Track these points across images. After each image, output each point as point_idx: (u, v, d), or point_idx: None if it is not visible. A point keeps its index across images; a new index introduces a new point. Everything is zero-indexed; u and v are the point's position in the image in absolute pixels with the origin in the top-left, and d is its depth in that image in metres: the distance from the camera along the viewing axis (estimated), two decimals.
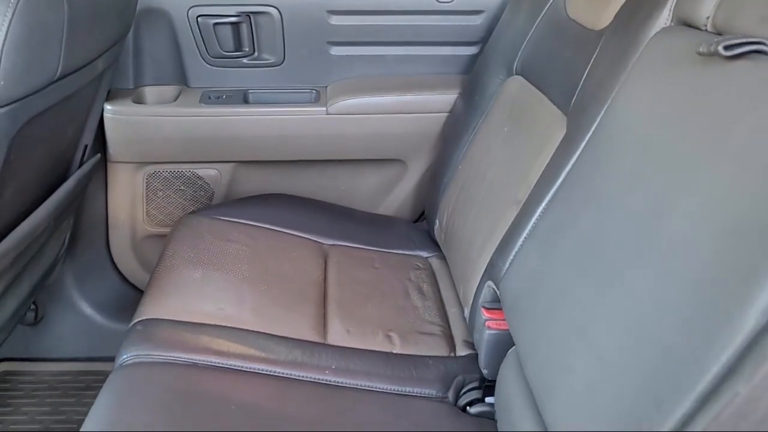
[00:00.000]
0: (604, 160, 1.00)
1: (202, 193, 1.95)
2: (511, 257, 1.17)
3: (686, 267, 0.74)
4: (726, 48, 0.77)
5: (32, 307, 1.90)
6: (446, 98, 1.85)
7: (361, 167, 1.96)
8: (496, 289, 1.21)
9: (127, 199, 1.92)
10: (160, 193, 1.94)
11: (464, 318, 1.41)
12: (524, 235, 1.16)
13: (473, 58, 1.87)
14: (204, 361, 1.19)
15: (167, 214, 1.95)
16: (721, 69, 0.81)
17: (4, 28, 0.93)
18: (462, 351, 1.39)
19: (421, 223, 1.95)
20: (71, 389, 1.88)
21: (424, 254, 1.76)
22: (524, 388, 1.00)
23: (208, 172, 1.92)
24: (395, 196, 2.00)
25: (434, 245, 1.77)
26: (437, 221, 1.72)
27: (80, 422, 1.72)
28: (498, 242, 1.26)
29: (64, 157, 1.50)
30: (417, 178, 1.96)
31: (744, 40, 0.77)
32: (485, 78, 1.70)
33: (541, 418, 0.92)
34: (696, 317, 0.70)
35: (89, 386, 1.88)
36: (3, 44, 0.94)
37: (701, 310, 0.70)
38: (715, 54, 0.79)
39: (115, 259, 2.00)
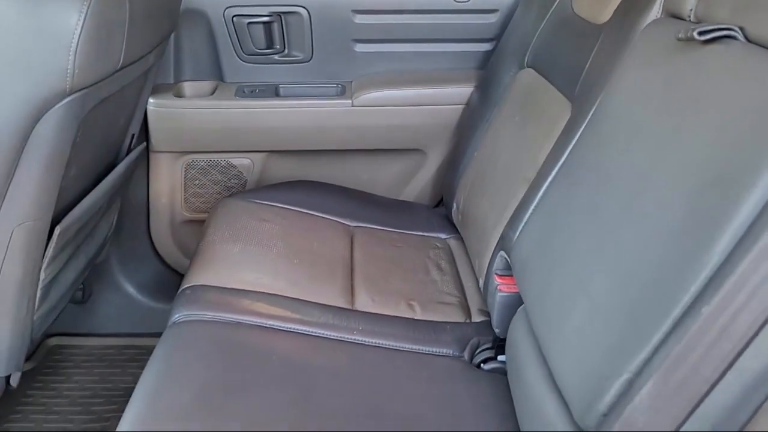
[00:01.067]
0: (600, 138, 1.14)
1: (236, 181, 2.10)
2: (521, 227, 1.30)
3: (663, 220, 0.87)
4: (700, 33, 0.91)
5: (80, 286, 2.06)
6: (463, 91, 1.99)
7: (383, 156, 2.10)
8: (507, 257, 1.34)
9: (166, 187, 2.07)
10: (197, 182, 2.09)
11: (479, 290, 1.55)
12: (532, 207, 1.29)
13: (488, 54, 2.01)
14: (246, 320, 1.34)
15: (203, 201, 2.10)
16: (698, 53, 0.94)
17: (80, 25, 1.09)
18: (477, 318, 1.52)
19: (439, 208, 2.09)
20: (116, 361, 2.04)
21: (443, 236, 1.89)
22: (530, 337, 1.14)
23: (241, 161, 2.07)
24: (415, 183, 2.14)
25: (452, 228, 1.91)
26: (455, 204, 1.86)
27: (126, 389, 1.89)
28: (509, 217, 1.40)
29: (116, 144, 1.66)
30: (436, 167, 2.10)
31: (715, 27, 0.90)
32: (499, 72, 1.83)
33: (544, 360, 1.05)
34: (670, 259, 0.83)
35: (132, 358, 2.04)
36: (78, 38, 1.09)
37: (675, 253, 0.83)
38: (692, 39, 0.92)
39: (155, 243, 2.15)
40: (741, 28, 0.90)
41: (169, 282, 2.15)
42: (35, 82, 1.09)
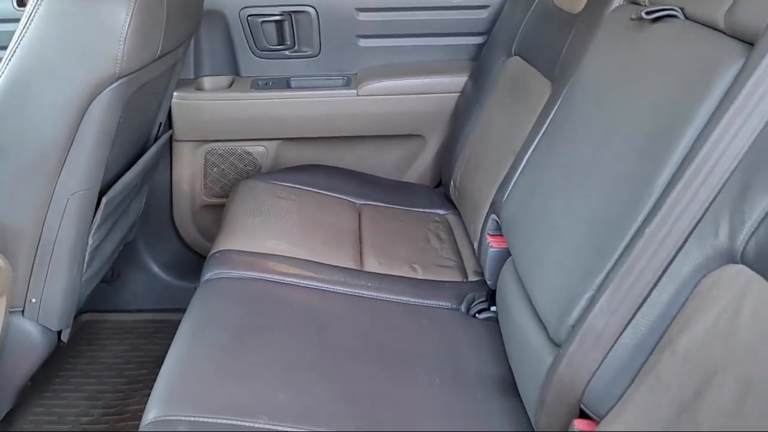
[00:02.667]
0: (572, 108, 1.33)
1: (251, 168, 2.29)
2: (508, 191, 1.49)
3: (620, 168, 1.07)
4: (648, 13, 1.10)
5: (110, 266, 2.25)
6: (458, 80, 2.18)
7: (386, 142, 2.29)
8: (497, 219, 1.53)
9: (188, 173, 2.27)
10: (216, 168, 2.28)
11: (474, 255, 1.73)
12: (518, 173, 1.48)
13: (480, 46, 2.20)
14: (269, 278, 1.53)
15: (221, 187, 2.29)
16: (647, 30, 1.13)
17: (128, 19, 1.28)
18: (473, 278, 1.71)
19: (439, 189, 2.27)
20: (144, 333, 2.22)
21: (441, 212, 2.08)
22: (516, 281, 1.32)
23: (256, 148, 2.26)
24: (416, 166, 2.33)
25: (450, 205, 2.10)
26: (452, 183, 2.05)
27: (154, 356, 2.08)
28: (499, 184, 1.59)
29: (147, 131, 1.86)
30: (435, 150, 2.29)
31: (659, 7, 1.09)
32: (490, 61, 2.03)
33: (527, 296, 1.24)
34: (625, 197, 1.02)
35: (158, 330, 2.22)
36: (127, 31, 1.28)
37: (628, 192, 1.02)
38: (642, 19, 1.11)
39: (177, 226, 2.34)
40: (681, 9, 1.09)
41: (190, 261, 2.34)
42: (91, 68, 1.28)
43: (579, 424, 1.00)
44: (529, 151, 1.47)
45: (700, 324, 0.82)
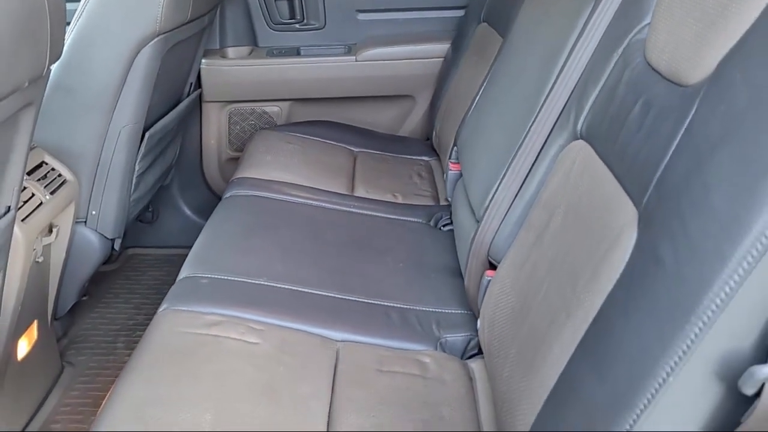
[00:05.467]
0: (506, 53, 1.71)
1: (268, 125, 2.68)
2: (464, 125, 1.87)
3: (523, 89, 1.44)
4: None
5: (150, 209, 2.67)
6: (442, 47, 2.56)
7: (381, 102, 2.68)
8: (456, 149, 1.91)
9: (215, 130, 2.68)
10: (238, 126, 2.69)
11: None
12: (471, 109, 1.86)
13: (461, 19, 2.57)
14: (276, 197, 1.93)
15: (243, 142, 2.70)
16: None
17: None
18: (443, 203, 2.09)
19: (428, 141, 2.65)
20: (177, 263, 2.58)
21: (426, 158, 2.46)
22: (462, 190, 1.70)
23: (272, 108, 2.67)
24: (408, 123, 2.72)
25: (435, 153, 2.47)
26: (434, 133, 2.43)
27: None
28: (460, 123, 1.97)
29: (180, 85, 2.27)
30: (423, 109, 2.67)
31: None
32: (465, 30, 2.40)
33: (467, 196, 1.62)
34: (524, 109, 1.40)
35: None
36: None
37: (526, 105, 1.40)
38: None
39: (206, 175, 2.76)
40: None
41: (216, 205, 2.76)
42: (138, 26, 1.69)
43: (488, 273, 1.38)
44: (480, 92, 1.85)
45: (555, 180, 1.19)
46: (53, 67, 1.16)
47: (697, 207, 0.71)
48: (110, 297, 2.40)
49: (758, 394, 0.63)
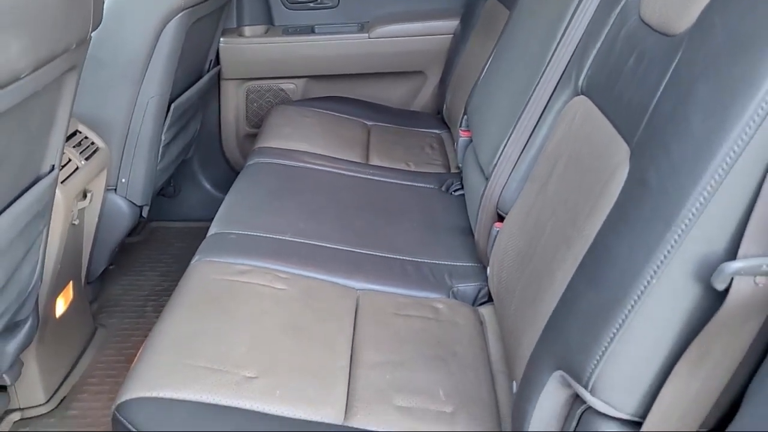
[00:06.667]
0: (513, 25, 1.80)
1: (284, 103, 2.79)
2: (474, 93, 1.97)
3: (530, 55, 1.54)
4: None
5: (171, 184, 2.78)
6: (451, 24, 2.66)
7: (393, 78, 2.78)
8: (466, 117, 2.01)
9: (233, 107, 2.79)
10: (255, 103, 2.79)
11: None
12: (481, 77, 1.95)
13: None
14: (295, 164, 2.04)
15: (260, 119, 2.80)
16: None
17: None
18: (454, 170, 2.19)
19: (440, 116, 2.75)
20: (199, 235, 2.68)
21: (437, 131, 2.56)
22: (472, 153, 1.80)
23: (288, 85, 2.77)
24: (420, 98, 2.81)
25: (446, 127, 2.57)
26: (445, 106, 2.52)
27: None
28: (470, 92, 2.06)
29: (201, 61, 2.38)
30: (434, 84, 2.77)
31: None
32: (474, 6, 2.49)
33: (477, 158, 1.72)
34: (530, 72, 1.49)
35: None
36: None
37: (532, 68, 1.49)
38: None
39: (225, 151, 2.87)
40: None
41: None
42: (164, 0, 1.80)
43: (497, 225, 1.48)
44: (488, 62, 1.94)
45: (558, 134, 1.29)
46: None
47: (678, 135, 0.81)
48: (137, 266, 2.51)
49: (729, 289, 0.74)
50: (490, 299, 1.51)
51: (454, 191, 2.05)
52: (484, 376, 1.28)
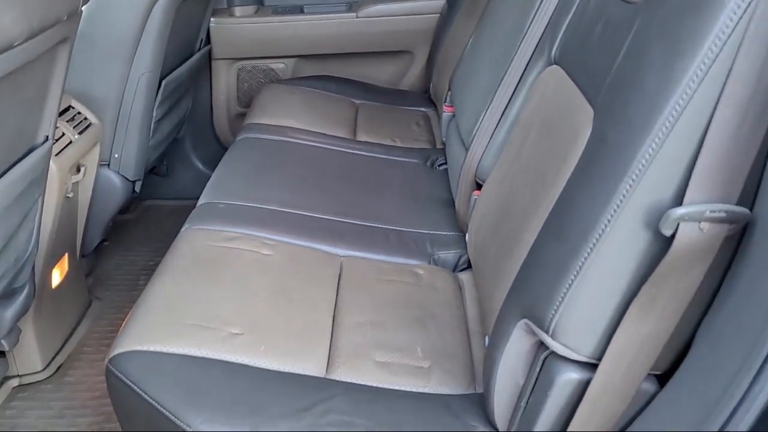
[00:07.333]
0: (494, 6, 1.85)
1: (274, 82, 2.83)
2: (457, 70, 2.02)
3: (507, 28, 1.59)
4: None
5: (164, 163, 2.82)
6: (437, 3, 2.70)
7: (382, 57, 2.82)
8: (450, 92, 2.06)
9: (224, 87, 2.83)
10: (246, 83, 2.84)
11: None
12: (464, 54, 2.00)
13: None
14: (283, 139, 2.09)
15: (251, 98, 2.84)
16: None
17: None
18: (439, 146, 2.24)
19: (427, 94, 2.79)
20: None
21: (423, 109, 2.61)
22: (455, 127, 1.85)
23: (277, 65, 2.81)
24: (408, 78, 2.86)
25: (433, 105, 2.62)
26: (431, 85, 2.57)
27: None
28: (453, 69, 2.11)
29: (192, 40, 2.43)
30: (422, 64, 2.81)
31: None
32: None
33: (459, 132, 1.77)
34: (508, 44, 1.55)
35: None
36: None
37: (510, 40, 1.54)
38: None
39: (216, 130, 2.92)
40: None
41: None
42: None
43: (475, 193, 1.54)
44: (470, 40, 1.99)
45: (532, 102, 1.35)
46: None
47: (635, 93, 0.87)
48: (130, 242, 2.56)
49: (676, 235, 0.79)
50: (469, 266, 1.57)
51: (439, 166, 2.10)
52: (461, 336, 1.34)
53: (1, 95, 1.14)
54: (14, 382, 1.81)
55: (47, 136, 1.45)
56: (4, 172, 1.27)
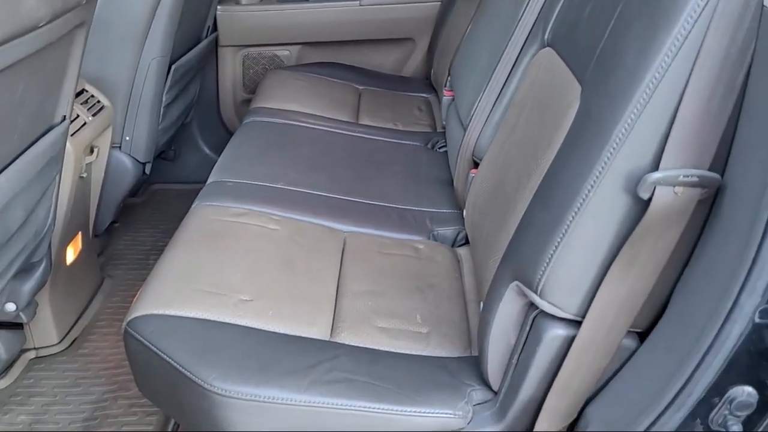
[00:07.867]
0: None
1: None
2: (456, 55, 2.08)
3: (503, 15, 1.65)
4: None
5: (172, 148, 2.89)
6: None
7: (384, 45, 2.88)
8: (450, 77, 2.13)
9: (230, 74, 2.90)
10: (252, 70, 2.91)
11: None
12: (463, 39, 2.07)
13: None
14: (288, 122, 2.16)
15: (256, 84, 2.91)
16: None
17: None
18: (440, 130, 2.31)
19: (429, 81, 2.86)
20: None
21: (425, 95, 2.68)
22: (454, 110, 1.92)
23: (282, 52, 2.88)
24: (410, 64, 2.93)
25: (433, 91, 2.69)
26: (432, 72, 2.64)
27: None
28: (453, 54, 2.18)
29: (199, 26, 2.49)
30: (424, 51, 2.88)
31: None
32: None
33: (458, 114, 1.84)
34: (503, 29, 1.61)
35: None
36: None
37: (506, 25, 1.61)
38: None
39: (222, 115, 2.98)
40: None
41: None
42: None
43: (472, 171, 1.61)
44: (469, 26, 2.06)
45: (526, 83, 1.42)
46: None
47: (617, 67, 0.94)
48: (139, 224, 2.64)
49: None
50: (467, 242, 1.64)
51: (439, 148, 2.17)
52: (458, 304, 1.41)
53: (25, 74, 1.21)
54: (31, 354, 1.88)
55: (64, 116, 1.52)
56: (27, 148, 1.35)
